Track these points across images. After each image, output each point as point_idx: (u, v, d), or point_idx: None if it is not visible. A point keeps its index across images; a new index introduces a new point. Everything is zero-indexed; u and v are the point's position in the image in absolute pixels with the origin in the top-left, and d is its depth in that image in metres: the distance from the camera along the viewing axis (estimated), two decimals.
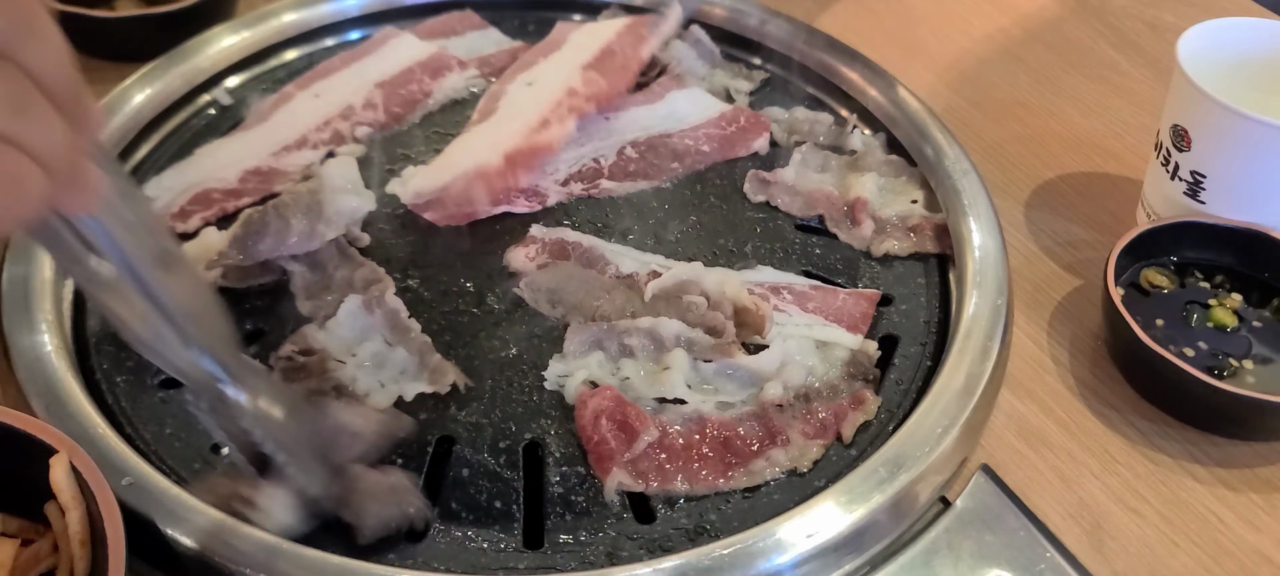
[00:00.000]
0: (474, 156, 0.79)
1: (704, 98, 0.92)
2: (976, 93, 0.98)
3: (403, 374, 0.68)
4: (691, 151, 0.87)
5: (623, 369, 0.69)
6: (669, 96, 0.91)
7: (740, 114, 0.90)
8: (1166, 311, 0.73)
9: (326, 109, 0.88)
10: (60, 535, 0.54)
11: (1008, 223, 0.83)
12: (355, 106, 0.89)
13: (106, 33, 0.94)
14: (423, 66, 0.93)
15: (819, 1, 1.08)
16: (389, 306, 0.70)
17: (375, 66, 0.93)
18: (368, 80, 0.91)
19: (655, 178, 0.85)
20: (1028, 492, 0.64)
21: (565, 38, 0.94)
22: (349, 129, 0.87)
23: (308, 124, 0.86)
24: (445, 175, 0.78)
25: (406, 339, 0.69)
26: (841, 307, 0.73)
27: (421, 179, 0.79)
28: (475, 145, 0.81)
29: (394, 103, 0.90)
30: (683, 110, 0.90)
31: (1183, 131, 0.75)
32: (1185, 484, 0.66)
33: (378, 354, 0.69)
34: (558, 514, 0.61)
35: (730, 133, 0.89)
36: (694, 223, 0.81)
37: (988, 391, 0.67)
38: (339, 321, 0.69)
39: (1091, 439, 0.69)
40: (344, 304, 0.69)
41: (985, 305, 0.71)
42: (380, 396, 0.66)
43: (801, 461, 0.65)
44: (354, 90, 0.90)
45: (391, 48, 0.95)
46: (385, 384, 0.67)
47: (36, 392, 0.62)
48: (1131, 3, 1.10)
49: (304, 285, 0.72)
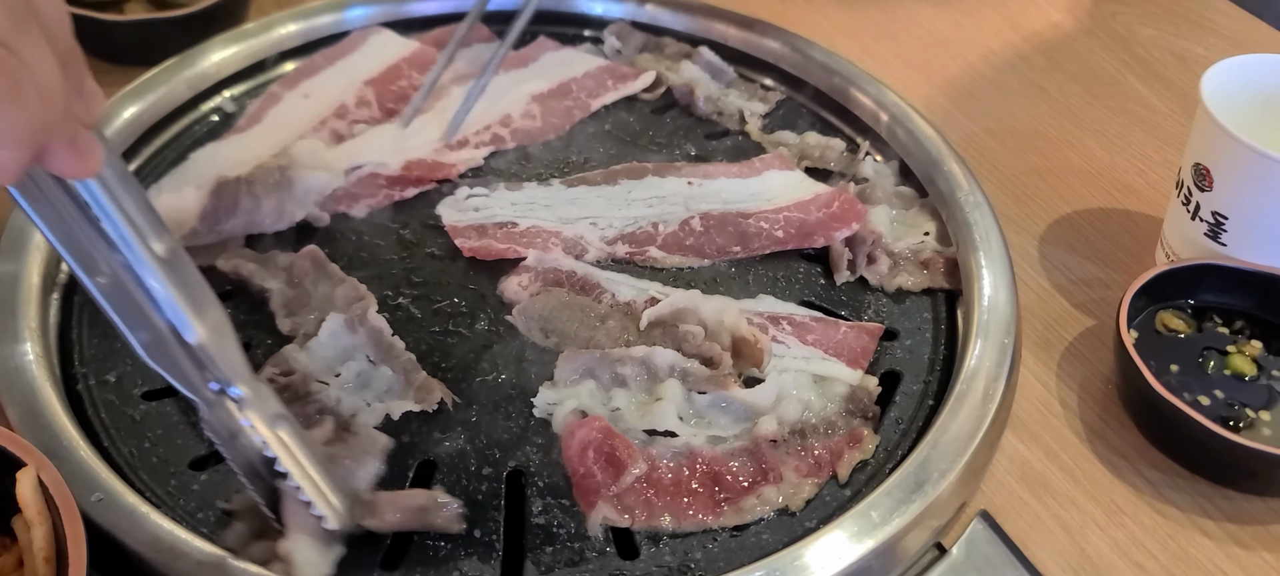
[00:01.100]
0: (375, 152, 0.83)
1: (804, 181, 0.84)
2: (995, 122, 0.95)
3: (388, 392, 0.67)
4: (762, 235, 0.78)
5: (614, 398, 0.67)
6: (766, 174, 0.84)
7: (836, 198, 0.81)
8: (1182, 357, 0.71)
9: (319, 109, 0.88)
10: (25, 550, 0.53)
11: (1020, 258, 0.81)
12: (348, 105, 0.89)
13: (116, 36, 0.94)
14: (409, 62, 0.93)
15: (837, 24, 1.06)
16: (372, 325, 0.69)
17: (362, 64, 0.93)
18: (357, 78, 0.91)
19: (708, 256, 0.78)
20: (1027, 542, 0.62)
21: (536, 56, 0.95)
22: (345, 127, 0.87)
23: (303, 125, 0.86)
24: (344, 164, 0.81)
25: (391, 358, 0.68)
26: (842, 341, 0.71)
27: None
28: (381, 144, 0.84)
29: (387, 99, 0.90)
30: (774, 190, 0.83)
31: (1205, 170, 0.73)
32: (1195, 539, 0.64)
33: (362, 373, 0.67)
34: (538, 546, 0.60)
35: (816, 218, 0.79)
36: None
37: (990, 434, 0.65)
38: (321, 342, 0.67)
39: (1097, 487, 0.66)
40: (326, 322, 0.68)
41: (992, 344, 0.69)
42: (367, 416, 0.65)
43: (794, 500, 0.63)
44: (344, 89, 0.90)
45: (374, 45, 0.95)
46: (371, 403, 0.66)
47: (12, 402, 0.61)
48: (1160, 33, 1.07)
49: (283, 302, 0.70)
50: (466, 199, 0.80)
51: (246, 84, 0.91)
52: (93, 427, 0.64)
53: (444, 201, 0.80)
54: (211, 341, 0.51)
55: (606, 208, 0.80)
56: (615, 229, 0.79)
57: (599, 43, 0.99)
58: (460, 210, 0.80)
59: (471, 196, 0.81)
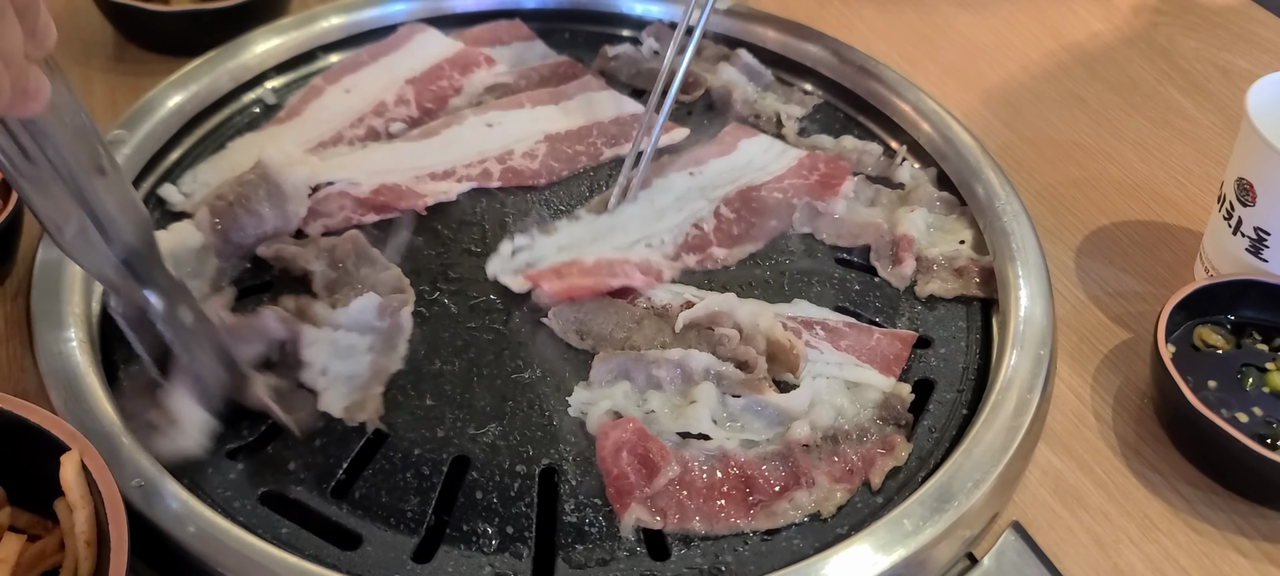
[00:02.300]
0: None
1: (772, 144, 0.88)
2: (1033, 131, 0.95)
3: (349, 381, 0.67)
4: (783, 205, 0.82)
5: (649, 400, 0.67)
6: (741, 145, 0.88)
7: (819, 160, 0.86)
8: (1220, 373, 0.70)
9: (359, 104, 0.88)
10: (67, 533, 0.54)
11: (1057, 269, 0.80)
12: (387, 103, 0.89)
13: (161, 26, 0.95)
14: (451, 63, 0.93)
15: (875, 29, 1.06)
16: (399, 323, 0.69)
17: (404, 62, 0.93)
18: (398, 76, 0.91)
19: (759, 239, 0.80)
20: (1059, 554, 0.62)
21: (577, 93, 0.93)
22: (383, 125, 0.87)
23: (342, 120, 0.87)
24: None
25: (385, 356, 0.68)
26: (875, 348, 0.71)
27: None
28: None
29: (426, 98, 0.90)
30: (759, 159, 0.86)
31: (1248, 185, 0.72)
32: (1229, 557, 0.63)
33: (351, 347, 0.68)
34: (569, 544, 0.60)
35: (814, 181, 0.84)
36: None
37: (1024, 445, 0.65)
38: (349, 311, 0.68)
39: (1131, 502, 0.66)
40: (362, 297, 0.69)
41: (1027, 355, 0.69)
42: (329, 397, 0.66)
43: (826, 506, 0.63)
44: (385, 86, 0.90)
45: (419, 43, 0.95)
46: (332, 385, 0.66)
47: (57, 386, 0.62)
48: (1203, 45, 1.06)
49: (325, 283, 0.72)
50: (512, 255, 0.77)
51: (288, 76, 0.92)
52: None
53: (491, 262, 0.76)
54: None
55: (645, 225, 0.80)
56: (669, 242, 0.79)
57: (638, 43, 0.99)
58: (511, 265, 0.76)
59: (517, 251, 0.77)
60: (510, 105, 0.90)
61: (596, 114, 0.90)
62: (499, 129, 0.87)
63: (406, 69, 0.92)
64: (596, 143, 0.88)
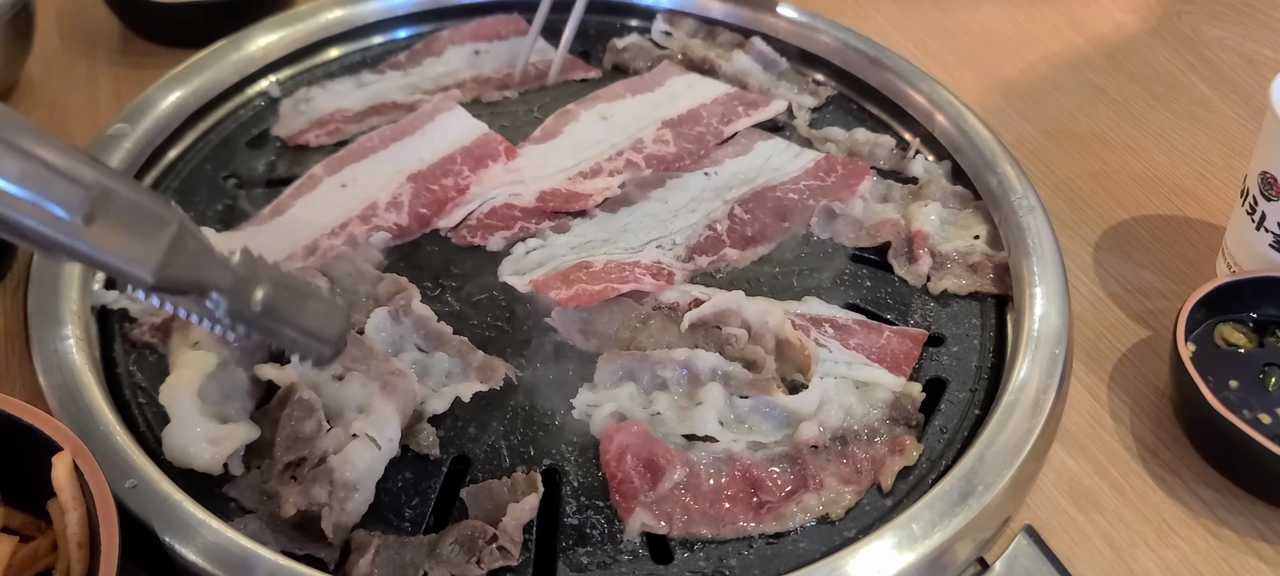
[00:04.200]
0: (500, 183, 0.80)
1: (789, 146, 0.87)
2: (1051, 123, 0.93)
3: (449, 376, 0.67)
4: (798, 207, 0.81)
5: (654, 402, 0.66)
6: (757, 146, 0.86)
7: (836, 162, 0.85)
8: (1241, 373, 0.68)
9: (352, 204, 0.78)
10: (59, 534, 0.53)
11: (1074, 265, 0.78)
12: (379, 205, 0.78)
13: (165, 19, 0.95)
14: (465, 153, 0.83)
15: (892, 20, 1.04)
16: (417, 314, 0.68)
17: (410, 154, 0.82)
18: (403, 169, 0.81)
19: (773, 240, 0.79)
20: (1073, 560, 0.60)
21: (661, 81, 0.92)
22: (364, 234, 0.75)
23: (329, 221, 0.77)
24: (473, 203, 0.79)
25: (442, 343, 0.67)
26: (885, 346, 0.70)
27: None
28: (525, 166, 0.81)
29: (421, 201, 0.79)
30: (776, 159, 0.85)
31: (1273, 179, 0.70)
32: (1249, 564, 0.61)
33: (418, 362, 0.67)
34: (571, 547, 0.59)
35: (831, 182, 0.83)
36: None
37: (1038, 446, 0.63)
38: (369, 336, 0.67)
39: (1148, 506, 0.64)
40: (371, 317, 0.68)
41: (1042, 354, 0.67)
42: (435, 402, 0.64)
43: (834, 508, 0.61)
44: (381, 185, 0.79)
45: (436, 126, 0.85)
46: (436, 390, 0.65)
47: (52, 385, 0.62)
48: (1228, 34, 1.03)
49: None
50: (526, 255, 0.75)
51: (292, 69, 0.92)
52: (130, 412, 0.64)
53: (503, 265, 0.75)
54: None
55: (658, 225, 0.79)
56: (681, 243, 0.78)
57: (646, 32, 0.98)
58: (524, 267, 0.74)
59: (530, 251, 0.76)
60: (612, 97, 0.90)
61: (697, 97, 0.91)
62: (618, 123, 0.87)
63: (412, 162, 0.82)
64: (711, 122, 0.88)
